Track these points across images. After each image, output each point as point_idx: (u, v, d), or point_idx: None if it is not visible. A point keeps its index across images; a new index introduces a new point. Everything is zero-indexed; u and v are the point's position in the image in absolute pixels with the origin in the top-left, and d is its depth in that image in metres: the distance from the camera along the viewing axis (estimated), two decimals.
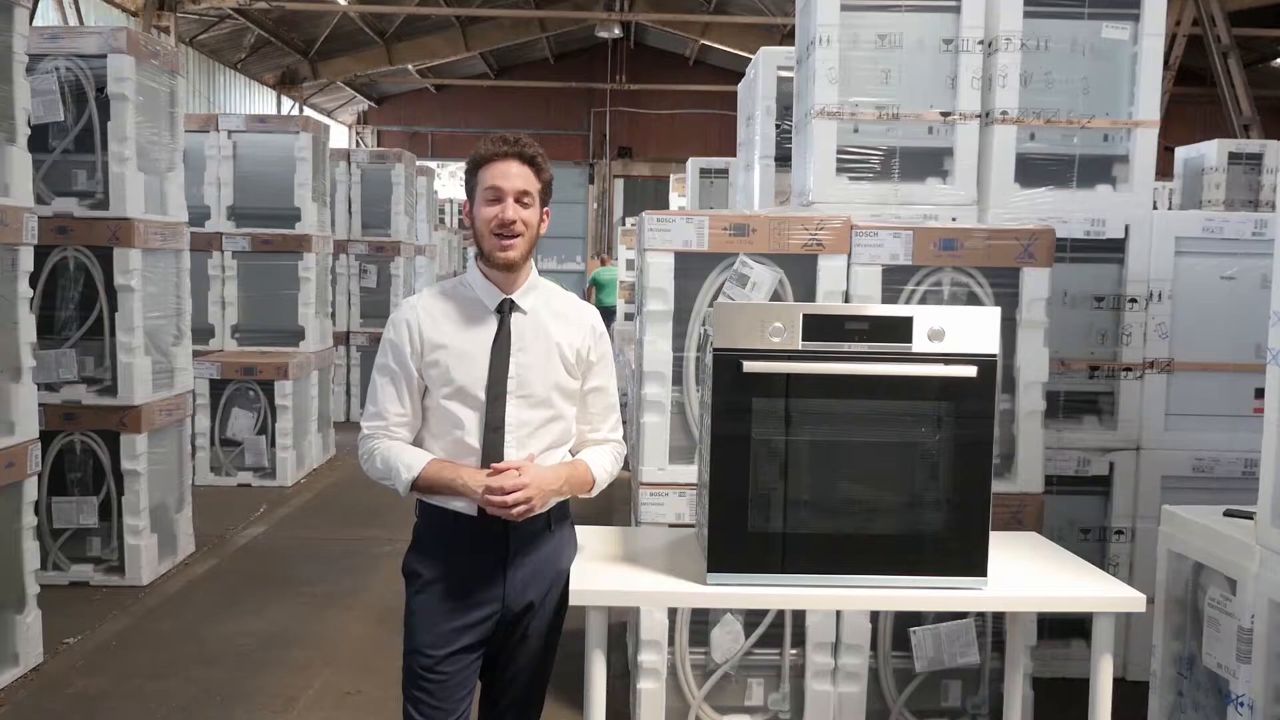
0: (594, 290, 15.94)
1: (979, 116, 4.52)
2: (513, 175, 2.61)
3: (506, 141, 2.64)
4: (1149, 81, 4.56)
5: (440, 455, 2.65)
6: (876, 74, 4.52)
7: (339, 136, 24.53)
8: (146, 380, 5.72)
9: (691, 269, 3.79)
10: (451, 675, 2.65)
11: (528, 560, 2.66)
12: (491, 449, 2.61)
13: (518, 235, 2.62)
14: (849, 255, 3.81)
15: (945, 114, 4.52)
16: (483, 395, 2.61)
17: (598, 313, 2.87)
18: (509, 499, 2.52)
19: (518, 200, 2.61)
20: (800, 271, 3.80)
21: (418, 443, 2.70)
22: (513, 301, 2.68)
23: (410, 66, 22.63)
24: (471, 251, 2.81)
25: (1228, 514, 3.22)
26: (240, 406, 8.07)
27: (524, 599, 2.67)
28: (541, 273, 2.78)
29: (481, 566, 2.64)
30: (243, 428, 8.08)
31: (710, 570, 2.57)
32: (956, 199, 4.54)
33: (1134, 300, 4.58)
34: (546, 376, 2.66)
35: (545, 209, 2.70)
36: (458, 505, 2.63)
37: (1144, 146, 4.58)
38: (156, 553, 5.83)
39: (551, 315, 2.72)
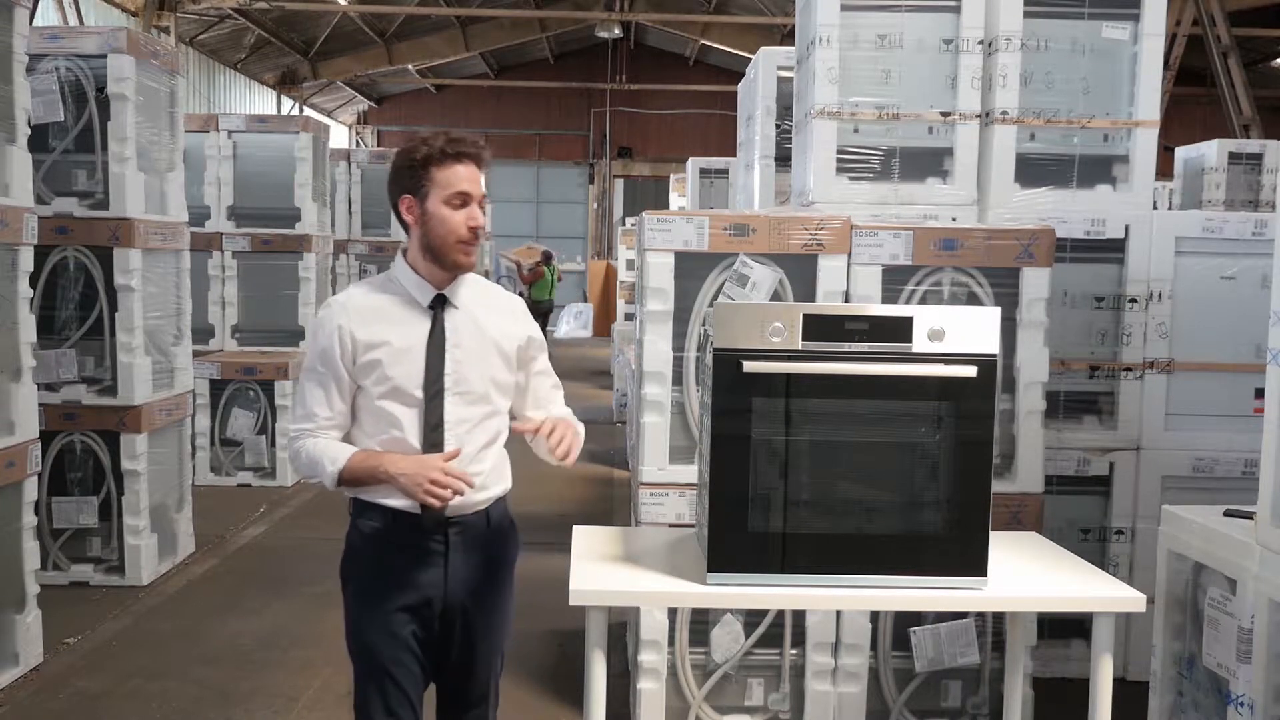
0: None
1: (979, 116, 4.52)
2: (476, 179, 2.59)
3: (466, 142, 2.59)
4: (1149, 81, 4.56)
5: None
6: (876, 74, 4.52)
7: (339, 136, 24.54)
8: (146, 380, 5.72)
9: (691, 269, 3.79)
10: (401, 678, 2.64)
11: (470, 556, 2.65)
12: (431, 448, 2.58)
13: (478, 241, 2.62)
14: (849, 255, 3.81)
15: (945, 114, 4.52)
16: (420, 393, 2.58)
17: (520, 300, 2.88)
18: (449, 492, 2.49)
19: (480, 205, 2.61)
20: (800, 271, 3.80)
21: (353, 443, 2.64)
22: (445, 297, 2.64)
23: (410, 66, 22.66)
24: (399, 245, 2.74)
25: (1228, 514, 3.22)
26: (240, 406, 8.06)
27: (467, 596, 2.65)
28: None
29: (421, 564, 2.62)
30: (243, 428, 8.07)
31: (710, 570, 2.56)
32: (956, 199, 4.54)
33: (1134, 300, 4.58)
34: (483, 372, 2.64)
35: None
36: (396, 503, 2.59)
37: (1144, 146, 4.59)
38: (156, 553, 5.83)
39: (485, 309, 2.69)
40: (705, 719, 3.88)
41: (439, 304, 2.64)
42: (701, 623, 3.86)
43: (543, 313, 17.30)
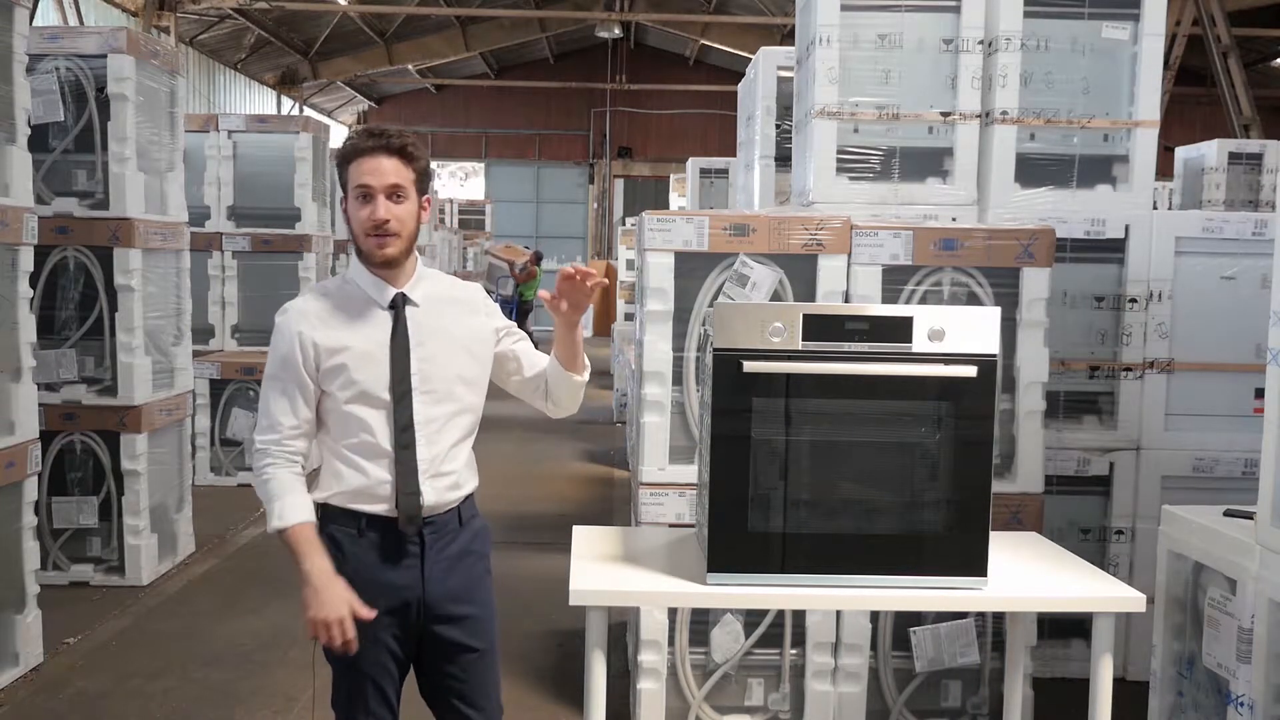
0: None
1: (979, 116, 4.52)
2: (383, 171, 2.51)
3: (373, 135, 2.54)
4: (1149, 81, 4.56)
5: (350, 459, 2.57)
6: (876, 74, 4.52)
7: (339, 136, 24.49)
8: (146, 380, 5.72)
9: (691, 269, 3.79)
10: (380, 679, 2.62)
11: (444, 555, 2.62)
12: (402, 450, 2.55)
13: (393, 234, 2.54)
14: (849, 255, 3.81)
15: (945, 114, 4.53)
16: (387, 396, 2.55)
17: (478, 285, 2.85)
18: (328, 638, 2.49)
19: (390, 196, 2.52)
20: (800, 271, 3.80)
21: (324, 448, 2.61)
22: (405, 295, 2.60)
23: (410, 66, 22.65)
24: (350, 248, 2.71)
25: (1228, 514, 3.22)
26: (240, 406, 8.06)
27: (444, 595, 2.61)
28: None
29: (397, 567, 2.59)
30: (243, 428, 8.06)
31: (710, 570, 2.57)
32: (956, 199, 4.54)
33: (1134, 300, 4.58)
34: (448, 370, 2.61)
35: (425, 197, 2.61)
36: (370, 508, 2.57)
37: (1144, 146, 4.59)
38: (156, 553, 5.84)
39: (446, 304, 2.66)
40: (705, 719, 3.88)
41: (399, 302, 2.59)
42: (701, 623, 3.86)
43: (528, 311, 17.61)
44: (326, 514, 2.63)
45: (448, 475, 2.61)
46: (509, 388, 2.83)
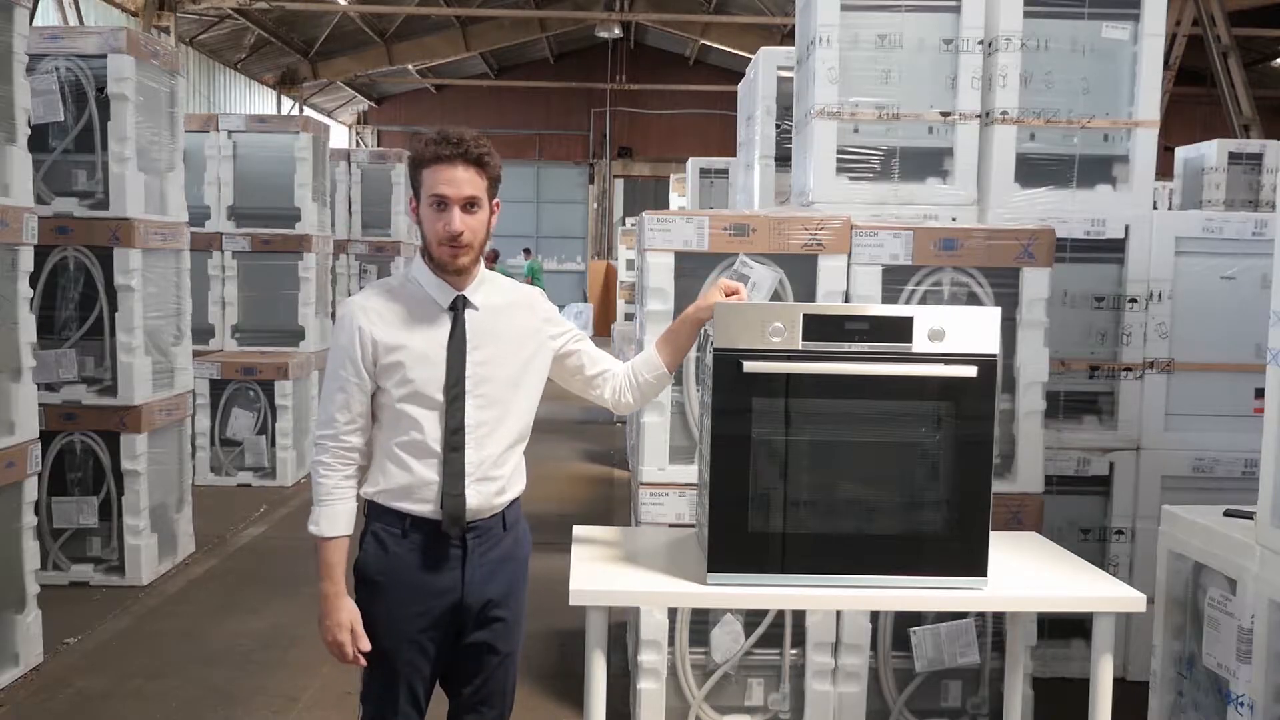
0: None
1: (979, 116, 4.52)
2: (459, 181, 2.51)
3: (450, 143, 2.51)
4: (1149, 81, 4.56)
5: (399, 456, 2.58)
6: (876, 74, 4.52)
7: (339, 136, 24.53)
8: (146, 380, 5.72)
9: (691, 269, 3.79)
10: (413, 679, 2.64)
11: (486, 558, 2.63)
12: (451, 451, 2.56)
13: (467, 245, 2.55)
14: (849, 255, 3.81)
15: (945, 114, 4.53)
16: (441, 396, 2.55)
17: (539, 290, 2.86)
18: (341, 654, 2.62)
19: (465, 207, 2.53)
20: (800, 271, 3.80)
21: (376, 443, 2.63)
22: (465, 298, 2.61)
23: (410, 66, 22.64)
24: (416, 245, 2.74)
25: (1228, 514, 3.22)
26: (240, 406, 8.07)
27: (484, 596, 2.63)
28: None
29: (440, 568, 2.60)
30: (243, 428, 8.07)
31: (710, 570, 2.57)
32: (956, 199, 4.54)
33: (1134, 300, 4.58)
34: (503, 374, 2.61)
35: (495, 201, 2.61)
36: (415, 508, 2.59)
37: (1144, 146, 4.59)
38: (156, 553, 5.84)
39: (506, 308, 2.66)
40: (705, 719, 3.88)
41: (460, 304, 2.60)
42: (701, 623, 3.86)
43: None
44: (373, 510, 2.65)
45: (495, 480, 2.61)
46: (573, 387, 2.84)
